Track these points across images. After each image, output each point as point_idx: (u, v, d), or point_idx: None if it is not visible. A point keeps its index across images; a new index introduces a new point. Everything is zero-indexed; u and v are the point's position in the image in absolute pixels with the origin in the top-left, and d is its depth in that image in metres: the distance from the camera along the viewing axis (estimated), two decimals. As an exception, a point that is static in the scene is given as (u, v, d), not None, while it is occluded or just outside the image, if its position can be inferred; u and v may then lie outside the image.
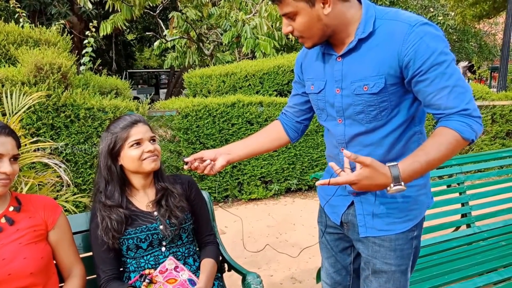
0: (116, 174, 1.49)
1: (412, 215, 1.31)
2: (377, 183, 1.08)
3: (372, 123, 1.24)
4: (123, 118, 1.50)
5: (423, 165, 1.09)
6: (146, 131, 1.49)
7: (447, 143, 1.10)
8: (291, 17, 1.18)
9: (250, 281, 1.56)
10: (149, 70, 21.92)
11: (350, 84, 1.23)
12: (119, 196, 1.49)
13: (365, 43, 1.19)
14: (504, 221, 2.61)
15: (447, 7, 13.71)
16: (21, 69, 3.42)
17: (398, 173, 1.06)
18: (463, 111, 1.11)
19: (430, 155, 1.09)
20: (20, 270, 1.25)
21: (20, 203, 1.36)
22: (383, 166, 1.07)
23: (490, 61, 19.62)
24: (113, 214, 1.45)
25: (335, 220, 1.45)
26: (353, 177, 1.08)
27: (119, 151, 1.47)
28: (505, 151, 2.83)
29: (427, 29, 1.12)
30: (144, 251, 1.49)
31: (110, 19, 6.72)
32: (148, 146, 1.47)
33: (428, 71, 1.11)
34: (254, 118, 4.52)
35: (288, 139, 1.56)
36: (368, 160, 1.06)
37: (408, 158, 1.11)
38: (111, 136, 1.46)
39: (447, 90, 1.11)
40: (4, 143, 1.26)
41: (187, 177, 1.67)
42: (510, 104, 5.60)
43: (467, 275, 2.00)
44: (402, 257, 1.32)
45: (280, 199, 4.72)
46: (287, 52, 7.58)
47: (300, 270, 3.00)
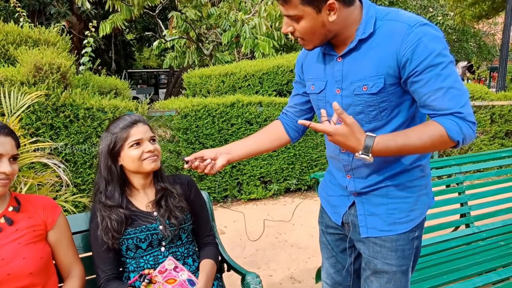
0: (116, 174, 1.49)
1: (414, 215, 1.32)
2: (349, 144, 1.11)
3: (372, 123, 1.24)
4: (123, 118, 1.49)
5: (399, 146, 1.11)
6: (146, 131, 1.48)
7: (430, 135, 1.11)
8: (295, 20, 1.18)
9: (250, 281, 1.56)
10: (148, 70, 21.91)
11: (349, 84, 1.23)
12: (119, 196, 1.49)
13: (366, 43, 1.19)
14: (503, 221, 2.61)
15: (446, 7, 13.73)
16: (20, 69, 3.42)
17: (371, 144, 1.09)
18: (457, 113, 1.11)
19: (410, 140, 1.11)
20: (19, 270, 1.25)
21: (20, 203, 1.36)
22: (361, 132, 1.10)
23: (489, 61, 19.65)
24: (113, 214, 1.45)
25: (336, 221, 1.45)
26: (331, 129, 1.12)
27: (119, 151, 1.47)
28: (504, 151, 2.84)
29: (426, 29, 1.12)
30: (144, 251, 1.49)
31: (110, 19, 6.73)
32: (148, 146, 1.46)
33: (423, 72, 1.11)
34: (254, 118, 4.52)
35: (289, 139, 1.56)
36: (349, 120, 1.09)
37: (389, 134, 1.14)
38: (111, 136, 1.46)
39: (441, 91, 1.11)
40: (4, 143, 1.26)
41: (186, 177, 1.67)
42: (509, 104, 5.60)
43: (466, 275, 2.00)
44: (403, 257, 1.33)
45: (279, 199, 4.72)
46: (287, 52, 7.58)
47: (300, 270, 3.00)
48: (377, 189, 1.31)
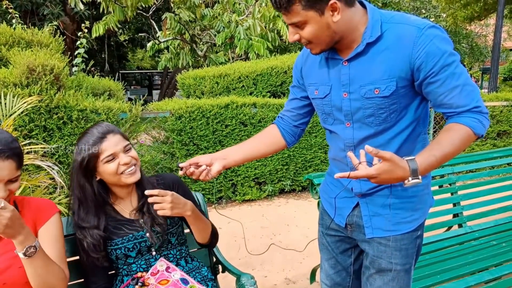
0: (91, 192, 1.42)
1: (417, 214, 1.34)
2: (396, 177, 1.09)
3: (381, 125, 1.25)
4: (91, 133, 1.39)
5: (438, 158, 1.12)
6: (118, 142, 1.40)
7: (460, 137, 1.14)
8: (299, 26, 1.17)
9: (244, 282, 1.56)
10: (142, 71, 21.83)
11: (359, 88, 1.23)
12: (94, 217, 1.42)
13: (373, 47, 1.20)
14: (495, 220, 2.64)
15: (439, 8, 13.82)
16: (13, 70, 3.40)
17: (416, 166, 1.08)
18: (474, 108, 1.16)
19: (445, 149, 1.12)
20: (15, 279, 1.24)
21: (18, 209, 1.31)
22: (401, 160, 1.09)
23: (481, 62, 19.80)
24: (88, 237, 1.39)
25: (339, 222, 1.45)
26: (373, 171, 1.08)
27: (94, 168, 1.39)
28: (496, 151, 2.86)
29: (435, 31, 1.15)
30: (134, 259, 1.47)
31: (103, 20, 6.69)
32: (123, 159, 1.39)
33: (439, 72, 1.14)
34: (248, 119, 4.53)
35: (285, 144, 1.54)
36: (388, 155, 1.06)
37: (424, 151, 1.13)
38: (83, 154, 1.37)
39: (458, 89, 1.15)
40: (1, 168, 1.18)
41: (172, 177, 1.61)
42: (501, 105, 5.65)
43: (459, 274, 2.02)
44: (406, 256, 1.35)
45: (274, 200, 4.73)
46: (281, 53, 7.60)
47: (294, 271, 3.01)
48: (382, 189, 1.32)
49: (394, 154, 1.08)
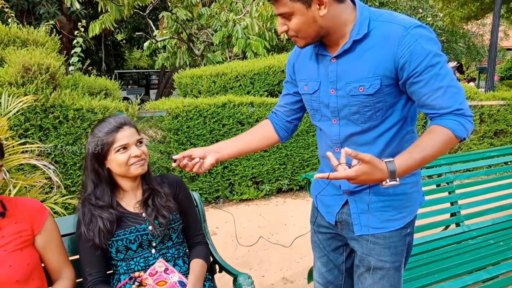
0: (104, 176, 1.47)
1: (406, 212, 1.34)
2: (374, 178, 1.09)
3: (367, 123, 1.25)
4: (108, 121, 1.45)
5: (417, 161, 1.11)
6: (132, 135, 1.45)
7: (441, 140, 1.13)
8: (287, 17, 1.19)
9: (242, 282, 1.56)
10: (139, 71, 21.76)
11: (345, 85, 1.23)
12: (109, 197, 1.48)
13: (360, 44, 1.20)
14: (493, 219, 2.64)
15: (436, 8, 13.84)
16: (9, 69, 3.37)
17: (394, 168, 1.08)
18: (457, 111, 1.14)
19: (425, 151, 1.12)
20: (5, 278, 1.22)
21: (6, 208, 1.31)
22: (380, 162, 1.09)
23: (478, 61, 19.85)
24: (104, 213, 1.43)
25: (329, 220, 1.45)
26: (352, 173, 1.08)
27: (105, 155, 1.44)
28: (493, 150, 2.87)
29: (421, 31, 1.14)
30: (134, 253, 1.47)
31: (99, 19, 6.67)
32: (135, 151, 1.43)
33: (423, 73, 1.13)
34: (245, 118, 4.52)
35: (278, 139, 1.55)
36: (367, 157, 1.06)
37: (404, 154, 1.13)
38: (96, 140, 1.43)
39: (441, 90, 1.14)
40: None
41: (175, 177, 1.65)
42: (497, 104, 5.66)
43: (456, 273, 2.02)
44: (396, 254, 1.34)
45: (271, 200, 4.72)
46: (278, 52, 7.60)
47: (292, 270, 3.00)
48: (370, 187, 1.31)
49: (373, 156, 1.08)
